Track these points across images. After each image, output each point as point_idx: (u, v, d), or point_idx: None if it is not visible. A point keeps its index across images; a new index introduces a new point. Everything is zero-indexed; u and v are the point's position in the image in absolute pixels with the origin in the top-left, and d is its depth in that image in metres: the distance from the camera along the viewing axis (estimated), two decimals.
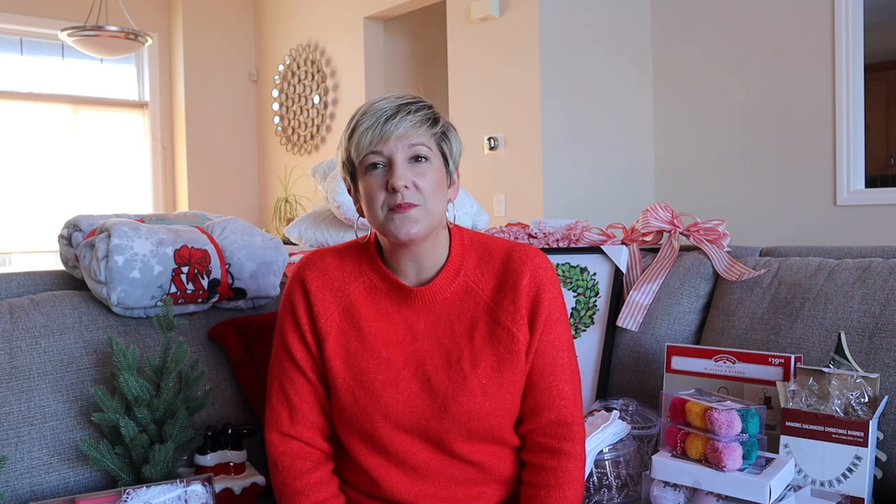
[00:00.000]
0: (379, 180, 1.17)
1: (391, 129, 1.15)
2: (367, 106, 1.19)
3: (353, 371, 1.22)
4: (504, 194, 4.13)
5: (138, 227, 1.56)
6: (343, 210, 2.08)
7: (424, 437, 1.21)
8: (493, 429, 1.22)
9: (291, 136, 5.84)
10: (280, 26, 5.94)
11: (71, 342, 1.50)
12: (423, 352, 1.22)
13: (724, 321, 1.70)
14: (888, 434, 1.39)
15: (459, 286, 1.25)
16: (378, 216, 1.18)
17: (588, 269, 1.92)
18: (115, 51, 4.64)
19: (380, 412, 1.20)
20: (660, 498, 1.31)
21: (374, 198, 1.17)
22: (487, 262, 1.27)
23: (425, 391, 1.20)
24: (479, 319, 1.23)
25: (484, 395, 1.20)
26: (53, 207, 5.62)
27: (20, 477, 1.36)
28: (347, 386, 1.21)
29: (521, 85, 4.02)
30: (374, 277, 1.26)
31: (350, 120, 1.20)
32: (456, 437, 1.20)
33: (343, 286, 1.26)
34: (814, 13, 3.67)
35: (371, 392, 1.20)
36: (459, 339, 1.22)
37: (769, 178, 3.88)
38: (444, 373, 1.20)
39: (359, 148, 1.17)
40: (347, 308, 1.25)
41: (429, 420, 1.20)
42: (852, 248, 1.72)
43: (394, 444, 1.20)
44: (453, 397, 1.19)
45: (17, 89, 5.59)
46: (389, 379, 1.20)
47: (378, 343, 1.22)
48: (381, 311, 1.24)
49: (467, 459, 1.22)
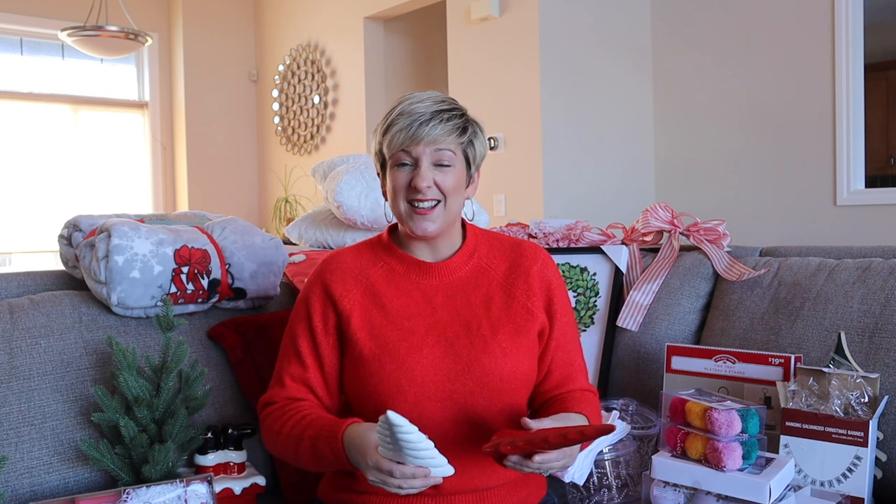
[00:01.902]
0: (405, 178, 1.27)
1: (422, 134, 1.24)
2: (405, 105, 1.28)
3: (378, 341, 1.28)
4: (504, 194, 4.13)
5: (138, 227, 1.55)
6: (343, 210, 2.07)
7: (448, 403, 1.25)
8: (514, 391, 1.28)
9: (291, 136, 5.84)
10: (280, 26, 5.94)
11: (71, 342, 1.50)
12: (444, 321, 1.30)
13: (724, 321, 1.70)
14: (888, 434, 1.39)
15: (474, 266, 1.35)
16: (400, 208, 1.29)
17: (588, 269, 1.92)
18: (115, 51, 4.64)
19: (406, 376, 1.25)
20: (660, 498, 1.31)
21: (399, 192, 1.28)
22: (499, 248, 1.38)
23: (449, 356, 1.27)
24: (495, 295, 1.33)
25: (505, 356, 1.28)
26: (53, 207, 5.62)
27: (20, 477, 1.36)
28: (373, 355, 1.27)
29: (521, 85, 4.02)
30: (392, 261, 1.35)
31: (387, 114, 1.29)
32: (479, 398, 1.26)
33: (362, 271, 1.34)
34: (814, 13, 3.66)
35: (396, 358, 1.26)
36: (477, 311, 1.31)
37: (769, 178, 3.88)
38: (465, 338, 1.28)
39: (391, 146, 1.27)
40: (368, 288, 1.32)
41: (454, 382, 1.25)
42: (852, 248, 1.71)
43: (417, 409, 1.24)
44: (477, 359, 1.26)
45: (17, 89, 5.59)
46: (413, 346, 1.27)
47: (400, 316, 1.30)
48: (400, 289, 1.32)
49: (487, 427, 1.26)
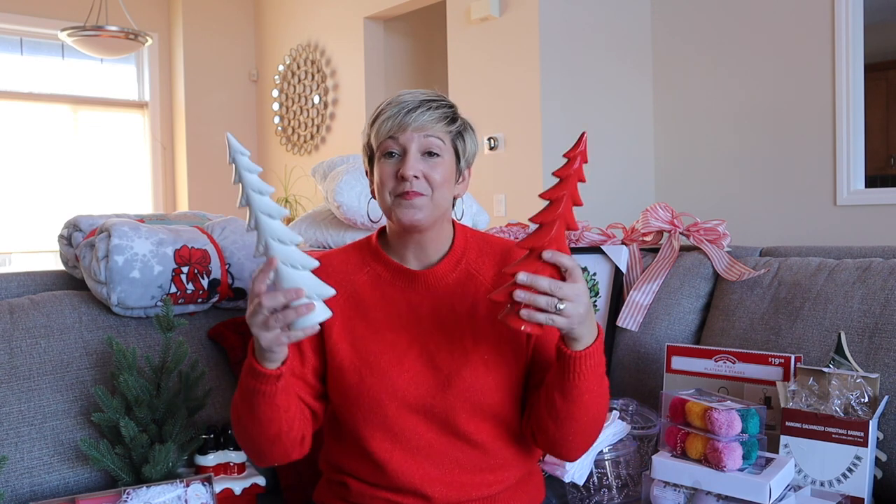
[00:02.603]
0: (392, 168, 1.24)
1: (410, 120, 1.22)
2: (393, 97, 1.27)
3: (359, 353, 1.25)
4: (504, 194, 4.13)
5: (138, 227, 1.55)
6: (343, 210, 2.07)
7: (430, 416, 1.23)
8: (497, 405, 1.24)
9: (291, 136, 5.83)
10: (280, 26, 5.94)
11: (71, 342, 1.50)
12: (427, 333, 1.26)
13: (724, 321, 1.70)
14: (888, 434, 1.39)
15: (462, 272, 1.30)
16: (386, 200, 1.25)
17: (588, 269, 1.92)
18: (115, 51, 4.64)
19: (386, 390, 1.23)
20: (660, 498, 1.31)
21: (385, 183, 1.25)
22: (489, 253, 1.33)
23: (429, 369, 1.24)
24: (480, 303, 1.28)
25: (486, 367, 1.23)
26: (53, 207, 5.62)
27: (20, 477, 1.36)
28: (354, 366, 1.24)
29: (521, 85, 4.02)
30: (378, 267, 1.31)
31: (376, 108, 1.28)
32: (461, 413, 1.23)
33: (347, 277, 1.31)
34: (814, 13, 3.66)
35: (377, 370, 1.24)
36: (461, 319, 1.27)
37: (769, 178, 3.88)
38: (446, 350, 1.25)
39: (378, 134, 1.25)
40: (352, 296, 1.29)
41: (434, 396, 1.23)
42: (852, 248, 1.71)
43: (399, 422, 1.23)
44: (457, 372, 1.23)
45: (17, 89, 5.59)
46: (394, 359, 1.24)
47: (383, 326, 1.27)
48: (385, 297, 1.29)
49: (472, 440, 1.24)
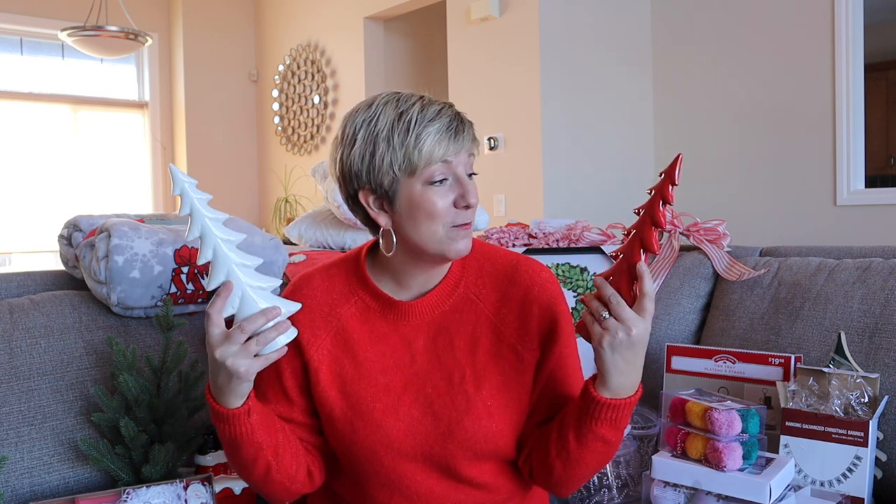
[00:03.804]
0: (448, 197, 1.06)
1: (461, 140, 1.05)
2: (410, 108, 1.05)
3: (350, 400, 1.13)
4: (504, 194, 4.13)
5: (138, 227, 1.55)
6: (343, 210, 2.07)
7: (429, 463, 1.13)
8: (500, 448, 1.15)
9: (291, 136, 5.84)
10: (280, 26, 5.94)
11: (71, 342, 1.49)
12: (423, 373, 1.14)
13: (724, 321, 1.70)
14: (888, 434, 1.39)
15: (459, 297, 1.16)
16: (438, 233, 1.07)
17: (588, 269, 1.92)
18: (115, 51, 4.64)
19: (381, 441, 1.11)
20: (660, 498, 1.31)
21: (440, 214, 1.05)
22: (489, 272, 1.18)
23: (428, 416, 1.12)
24: (482, 335, 1.15)
25: (489, 417, 1.12)
26: (53, 207, 5.62)
27: (20, 477, 1.36)
28: (345, 416, 1.13)
29: (521, 85, 4.02)
30: (366, 297, 1.16)
31: (396, 120, 1.04)
32: (462, 461, 1.13)
33: (333, 310, 1.16)
34: (814, 13, 3.66)
35: (371, 421, 1.11)
36: (461, 356, 1.14)
37: (769, 178, 3.88)
38: (446, 395, 1.12)
39: (424, 156, 1.03)
40: (340, 332, 1.15)
41: (432, 446, 1.12)
42: (852, 248, 1.71)
43: (397, 471, 1.13)
44: (458, 422, 1.11)
45: (17, 89, 5.59)
46: (389, 406, 1.12)
47: (374, 369, 1.13)
48: (375, 333, 1.15)
49: (475, 483, 1.15)
